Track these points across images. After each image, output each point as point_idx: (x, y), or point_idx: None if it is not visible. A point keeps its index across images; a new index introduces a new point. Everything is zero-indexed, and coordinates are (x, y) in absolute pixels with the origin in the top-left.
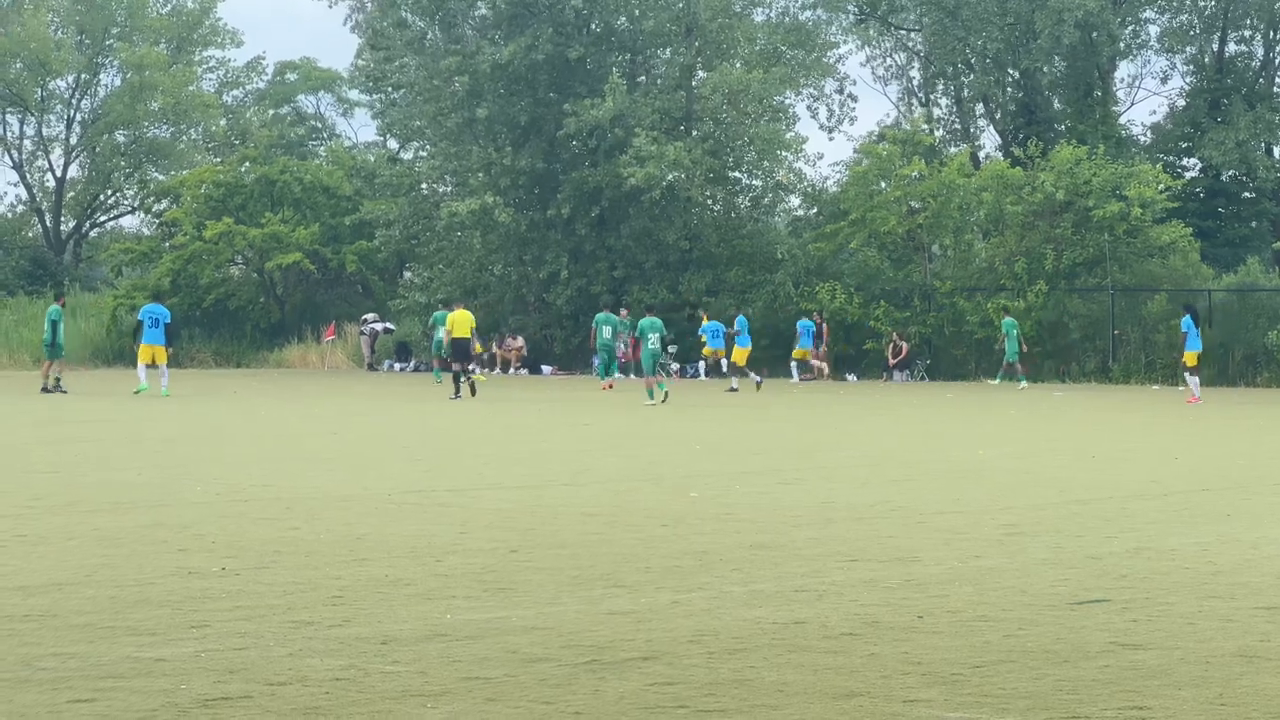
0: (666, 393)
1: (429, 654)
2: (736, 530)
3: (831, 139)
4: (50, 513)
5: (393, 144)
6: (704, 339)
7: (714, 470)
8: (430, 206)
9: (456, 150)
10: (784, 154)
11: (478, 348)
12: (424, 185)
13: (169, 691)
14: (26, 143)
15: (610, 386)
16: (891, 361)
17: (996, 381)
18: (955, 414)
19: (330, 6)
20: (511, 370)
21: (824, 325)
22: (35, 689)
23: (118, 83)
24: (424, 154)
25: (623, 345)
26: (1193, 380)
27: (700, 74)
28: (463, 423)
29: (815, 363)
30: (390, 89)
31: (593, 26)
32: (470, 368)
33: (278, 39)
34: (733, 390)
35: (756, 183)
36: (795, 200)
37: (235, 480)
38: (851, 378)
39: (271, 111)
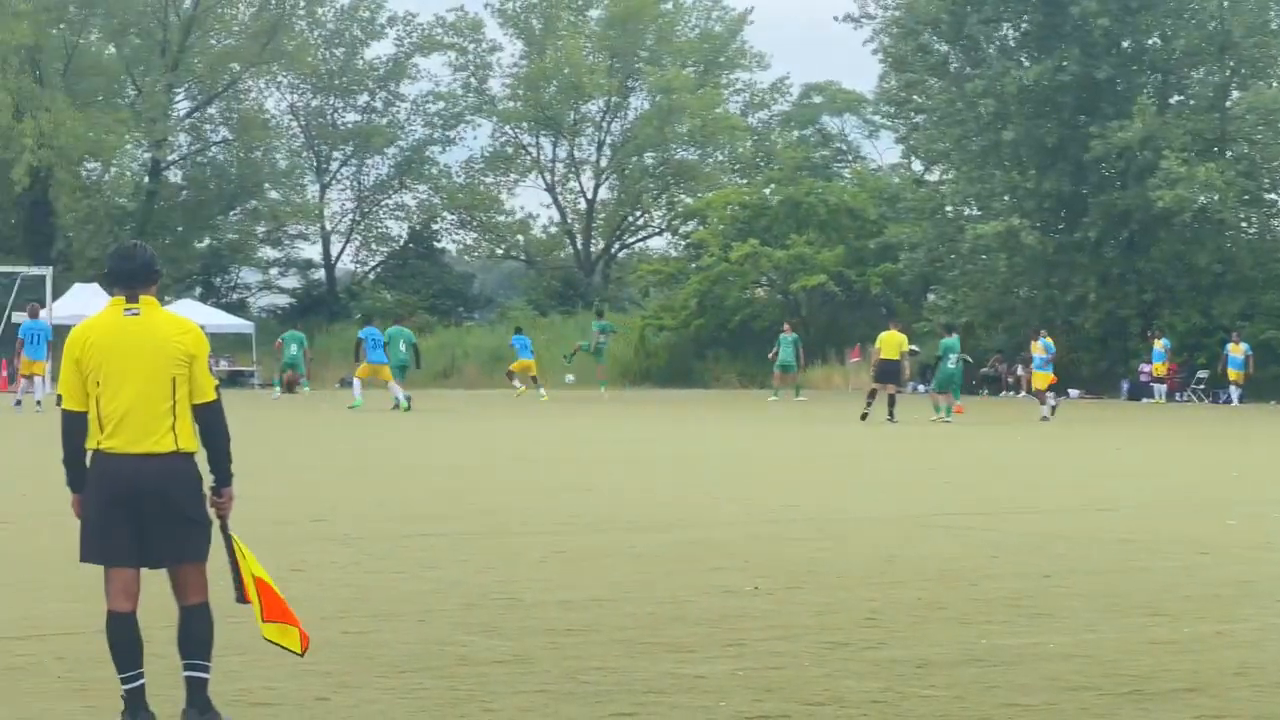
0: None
1: (965, 679)
2: (1278, 560)
3: None
4: (587, 530)
5: (917, 166)
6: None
7: (1251, 497)
8: (955, 229)
9: (980, 173)
10: None
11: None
12: (948, 208)
13: (708, 709)
14: (559, 165)
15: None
16: None
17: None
18: None
19: (855, 28)
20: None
21: None
22: (580, 702)
23: (646, 105)
24: (948, 177)
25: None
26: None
27: (1234, 93)
28: (989, 446)
29: None
30: (913, 112)
31: (1122, 46)
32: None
33: (804, 61)
34: (1044, 419)
35: None
36: None
37: (764, 500)
38: None
39: (796, 133)
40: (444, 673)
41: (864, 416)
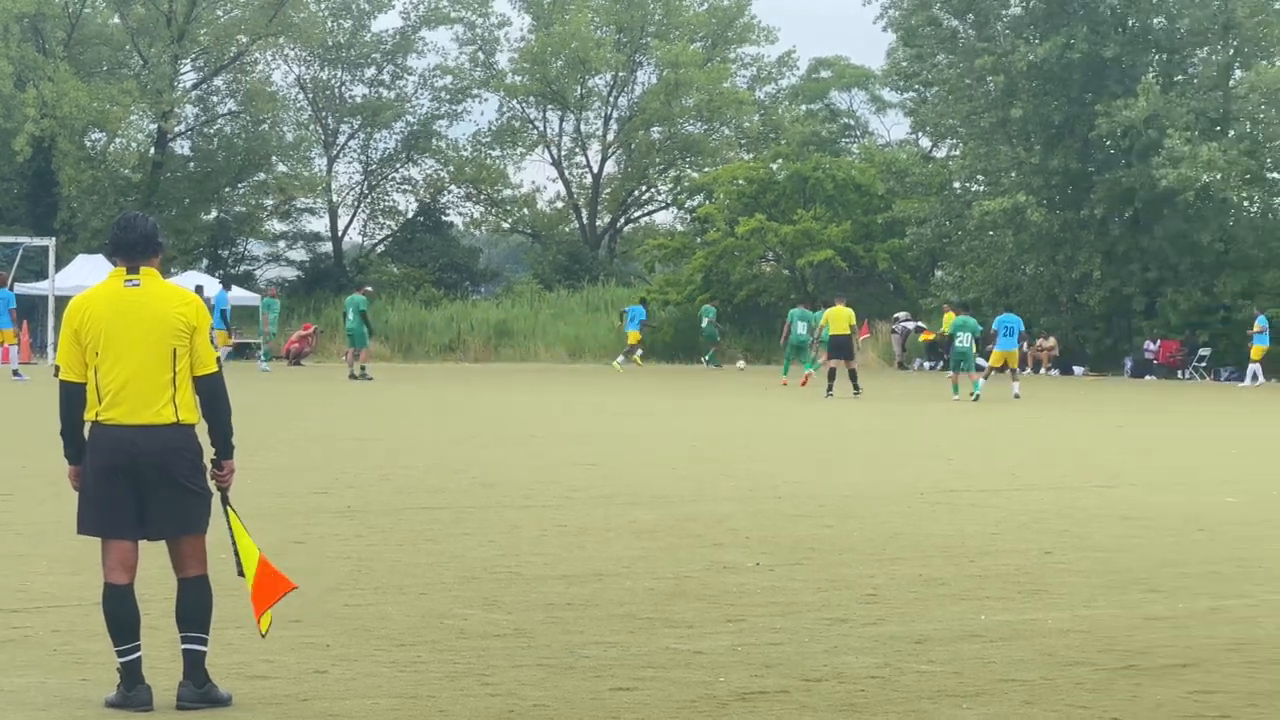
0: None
1: (964, 654)
2: (1276, 537)
3: None
4: (590, 504)
5: (925, 142)
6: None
7: (1250, 475)
8: (962, 205)
9: (988, 149)
10: None
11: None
12: (956, 184)
13: (707, 684)
14: (565, 139)
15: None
16: None
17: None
18: None
19: (864, 5)
20: (1042, 370)
21: None
22: (579, 675)
23: (653, 80)
24: (956, 153)
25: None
26: (983, 379)
27: (1237, 73)
28: (992, 423)
29: None
30: (922, 87)
31: (1128, 25)
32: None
33: (812, 36)
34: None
35: None
36: None
37: (767, 476)
38: None
39: (804, 108)
40: (443, 646)
41: (829, 393)
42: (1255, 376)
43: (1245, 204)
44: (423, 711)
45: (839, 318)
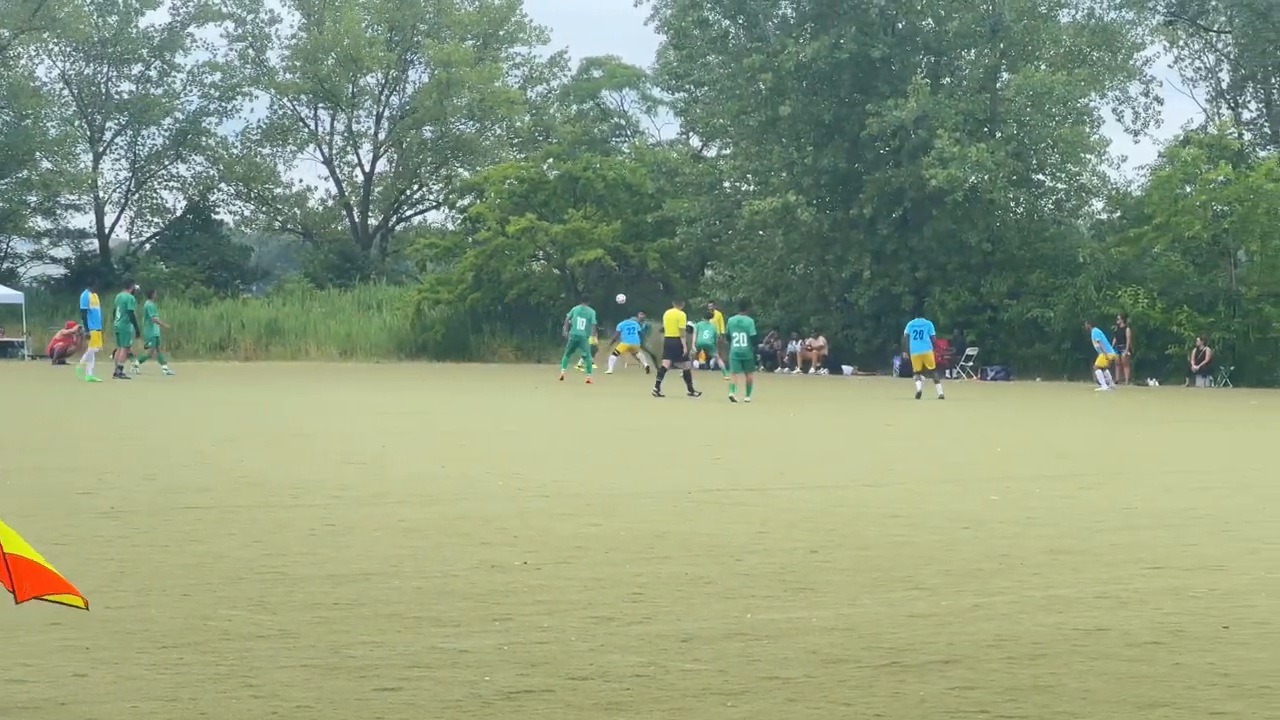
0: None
1: (729, 652)
2: (1037, 534)
3: (1137, 142)
4: (358, 503)
5: (695, 141)
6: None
7: (1015, 473)
8: (732, 205)
9: (759, 149)
10: (1087, 157)
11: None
12: (726, 183)
13: (473, 683)
14: (337, 138)
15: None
16: (1195, 367)
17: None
18: (1261, 421)
19: (635, 5)
20: (812, 370)
21: (1127, 329)
22: (344, 676)
23: (425, 79)
24: (726, 152)
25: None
26: (921, 381)
27: (1004, 75)
28: (762, 422)
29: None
30: (693, 86)
31: (897, 26)
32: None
33: (583, 36)
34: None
35: (1060, 185)
36: (1098, 203)
37: (536, 475)
38: (1153, 383)
39: (575, 108)
40: (206, 648)
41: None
42: (1106, 382)
43: (1011, 205)
44: (185, 714)
45: (670, 321)
